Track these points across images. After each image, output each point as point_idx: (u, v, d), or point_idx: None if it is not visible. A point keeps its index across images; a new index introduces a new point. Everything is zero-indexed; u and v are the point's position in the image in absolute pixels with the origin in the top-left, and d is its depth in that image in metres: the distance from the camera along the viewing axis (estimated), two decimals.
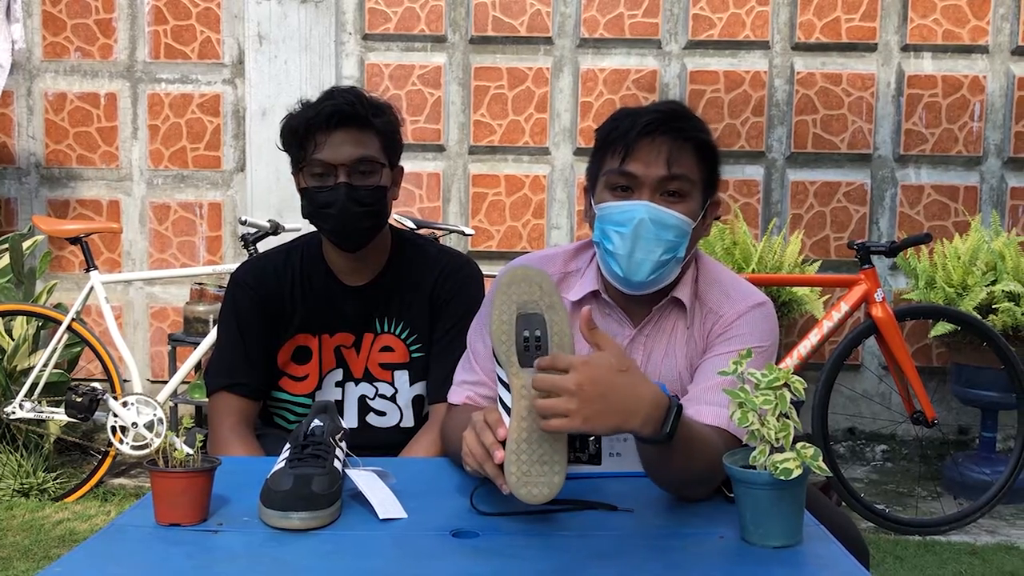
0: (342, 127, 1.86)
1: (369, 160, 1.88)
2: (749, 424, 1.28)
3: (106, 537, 1.33)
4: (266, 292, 1.97)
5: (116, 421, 3.70)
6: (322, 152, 1.86)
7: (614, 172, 1.60)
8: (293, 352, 1.99)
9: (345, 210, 1.86)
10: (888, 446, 4.41)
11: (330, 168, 1.87)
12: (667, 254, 1.59)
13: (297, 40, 4.37)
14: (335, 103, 1.87)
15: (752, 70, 4.41)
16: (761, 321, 1.63)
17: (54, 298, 4.29)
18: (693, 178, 1.61)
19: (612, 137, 1.61)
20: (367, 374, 2.00)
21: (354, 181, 1.87)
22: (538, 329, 1.34)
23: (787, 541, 1.28)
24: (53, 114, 4.54)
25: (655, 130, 1.58)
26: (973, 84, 4.38)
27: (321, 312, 1.97)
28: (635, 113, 1.62)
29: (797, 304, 3.96)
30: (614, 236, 1.59)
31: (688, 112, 1.67)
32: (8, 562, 3.08)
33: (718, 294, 1.67)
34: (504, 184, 4.46)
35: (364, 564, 1.25)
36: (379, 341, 1.99)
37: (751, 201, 4.45)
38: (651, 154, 1.57)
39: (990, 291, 3.77)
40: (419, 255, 2.02)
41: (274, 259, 2.02)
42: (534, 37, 4.43)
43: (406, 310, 1.99)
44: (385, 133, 1.91)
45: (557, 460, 1.31)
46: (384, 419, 2.01)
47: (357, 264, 1.97)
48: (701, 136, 1.64)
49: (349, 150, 1.86)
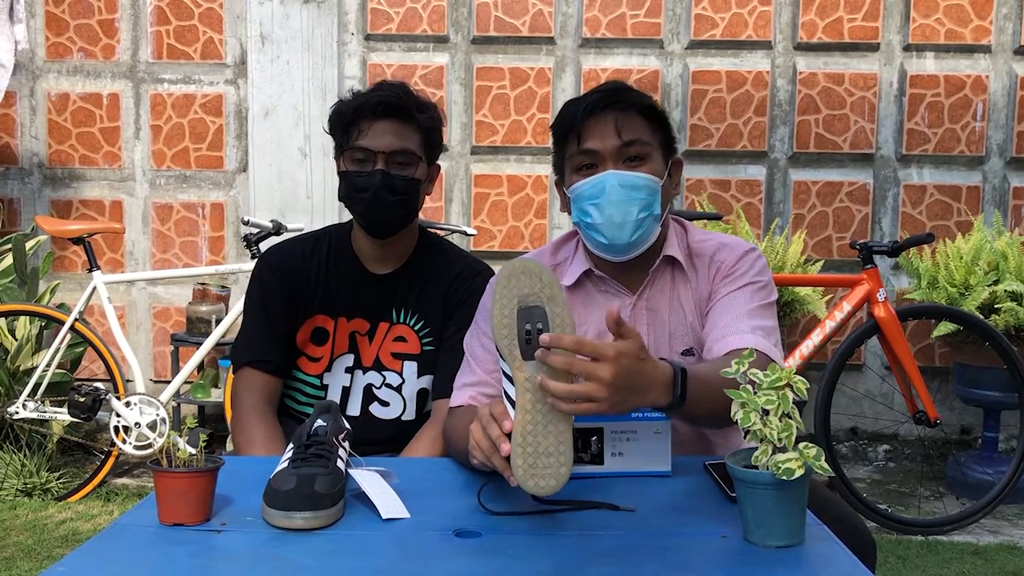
0: (386, 117, 1.93)
1: (407, 152, 1.95)
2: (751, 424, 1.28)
3: (109, 537, 1.33)
4: (293, 275, 2.03)
5: (119, 421, 3.71)
6: (364, 139, 1.94)
7: (576, 154, 1.72)
8: (312, 332, 2.05)
9: (378, 196, 1.93)
10: (891, 446, 4.41)
11: (370, 155, 1.94)
12: (643, 212, 1.69)
13: (299, 40, 4.37)
14: (383, 94, 1.95)
15: (754, 70, 4.41)
16: (758, 261, 1.78)
17: (57, 298, 4.30)
18: (647, 140, 1.72)
19: (564, 126, 1.73)
20: (377, 363, 2.04)
21: (391, 170, 1.94)
22: (540, 322, 1.35)
23: (789, 541, 1.28)
24: (56, 114, 4.54)
25: (599, 107, 1.70)
26: (976, 84, 4.38)
27: (342, 294, 2.03)
28: (580, 99, 1.75)
29: (799, 304, 3.96)
30: (591, 210, 1.70)
31: (628, 86, 1.78)
32: (11, 562, 3.09)
33: (715, 245, 1.80)
34: (506, 184, 4.47)
35: (367, 564, 1.25)
36: (393, 331, 2.04)
37: (753, 201, 4.45)
38: (602, 128, 1.69)
39: (992, 291, 3.77)
40: (440, 254, 2.09)
41: (303, 243, 2.09)
42: (536, 37, 4.43)
43: (422, 303, 2.04)
44: (427, 129, 1.98)
45: (563, 451, 1.32)
46: (387, 410, 2.05)
47: (383, 252, 2.04)
48: (643, 101, 1.74)
49: (390, 140, 1.94)
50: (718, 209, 4.27)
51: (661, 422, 1.57)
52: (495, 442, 1.37)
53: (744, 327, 1.66)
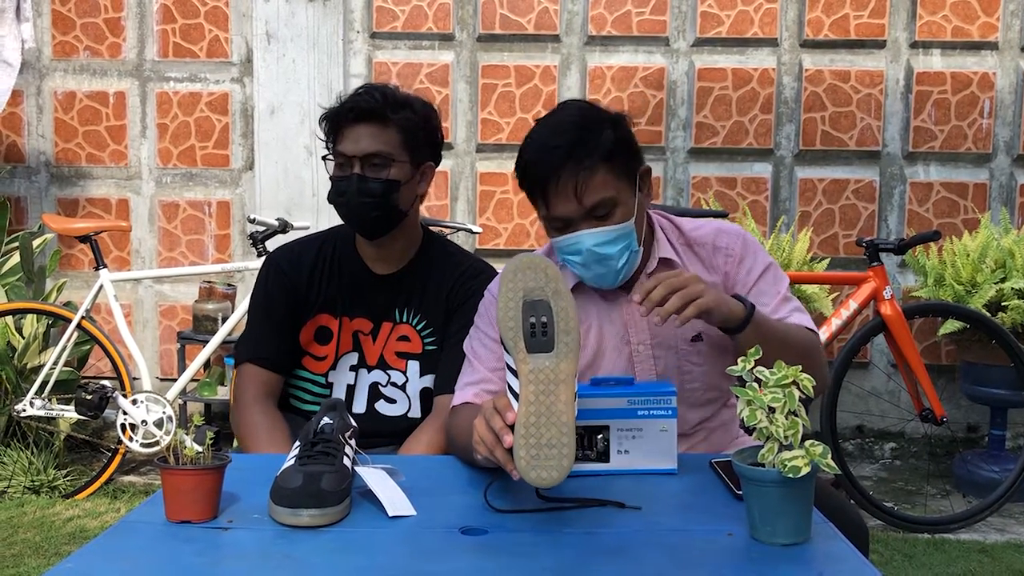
0: (362, 122, 1.96)
1: (382, 155, 1.97)
2: (757, 422, 1.28)
3: (116, 534, 1.34)
4: (298, 276, 2.07)
5: (126, 419, 3.72)
6: (343, 144, 1.98)
7: (545, 217, 1.73)
8: (315, 332, 2.07)
9: (353, 200, 1.97)
10: (897, 444, 4.40)
11: (348, 159, 1.98)
12: (623, 255, 1.72)
13: (305, 38, 4.37)
14: (358, 99, 1.98)
15: (760, 67, 4.40)
16: (755, 240, 1.86)
17: (64, 296, 4.31)
18: (611, 194, 1.69)
19: (528, 187, 1.73)
20: (381, 362, 2.06)
21: (366, 173, 1.96)
22: (544, 315, 1.37)
23: (795, 539, 1.28)
24: (62, 113, 4.55)
25: (559, 168, 1.66)
26: (982, 81, 4.37)
27: (345, 295, 2.06)
28: (539, 154, 1.69)
29: (806, 302, 3.95)
30: (572, 262, 1.74)
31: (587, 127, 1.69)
32: (19, 559, 3.10)
33: (713, 231, 1.84)
34: (512, 182, 4.45)
35: (373, 561, 1.25)
36: (397, 331, 2.06)
37: (759, 199, 4.44)
38: (564, 195, 1.67)
39: (999, 288, 3.76)
40: (444, 255, 2.11)
41: (309, 245, 2.12)
42: (542, 35, 4.43)
43: (425, 304, 2.06)
44: (406, 129, 1.98)
45: (565, 443, 1.32)
46: (393, 407, 2.07)
47: (383, 252, 2.06)
48: (601, 150, 1.67)
49: (364, 143, 1.96)
50: (724, 207, 4.26)
51: (667, 420, 1.58)
52: (498, 434, 1.37)
53: (784, 312, 1.77)
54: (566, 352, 1.36)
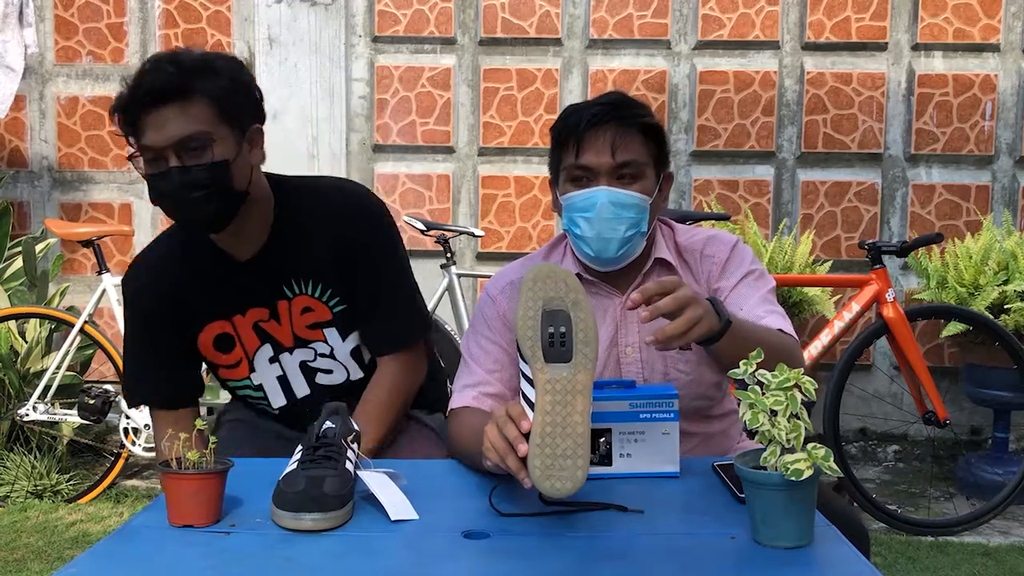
0: (161, 104, 1.66)
1: (197, 136, 1.67)
2: (760, 425, 1.28)
3: (119, 538, 1.34)
4: (166, 284, 1.85)
5: (128, 423, 3.72)
6: (147, 136, 1.67)
7: (571, 166, 1.74)
8: (214, 341, 1.88)
9: (182, 197, 1.69)
10: (900, 446, 4.40)
11: (158, 152, 1.68)
12: (631, 230, 1.72)
13: (307, 43, 4.38)
14: (148, 78, 1.68)
15: (762, 70, 4.40)
16: (748, 250, 1.85)
17: (67, 301, 4.31)
18: (642, 160, 1.74)
19: (564, 134, 1.75)
20: (297, 340, 1.89)
21: (186, 162, 1.67)
22: (563, 325, 1.37)
23: (798, 542, 1.28)
24: (65, 118, 4.56)
25: (600, 121, 1.71)
26: (984, 83, 4.36)
27: (223, 294, 1.85)
28: (582, 108, 1.76)
29: (808, 304, 3.95)
30: (581, 221, 1.73)
31: (631, 100, 1.80)
32: (22, 563, 3.10)
33: (703, 239, 1.85)
34: (514, 185, 4.47)
35: (376, 565, 1.25)
36: (295, 305, 1.87)
37: (761, 201, 4.44)
38: (600, 144, 1.71)
39: (1002, 291, 3.76)
40: (307, 201, 1.87)
41: (159, 249, 1.90)
42: (543, 38, 4.43)
43: (310, 267, 1.85)
44: (216, 97, 1.69)
45: (580, 455, 1.32)
46: (332, 376, 1.94)
47: (240, 238, 1.81)
48: (644, 120, 1.76)
49: (172, 129, 1.66)
50: (726, 209, 4.26)
51: (669, 423, 1.58)
52: (512, 443, 1.36)
53: (761, 312, 1.72)
54: (584, 363, 1.36)
